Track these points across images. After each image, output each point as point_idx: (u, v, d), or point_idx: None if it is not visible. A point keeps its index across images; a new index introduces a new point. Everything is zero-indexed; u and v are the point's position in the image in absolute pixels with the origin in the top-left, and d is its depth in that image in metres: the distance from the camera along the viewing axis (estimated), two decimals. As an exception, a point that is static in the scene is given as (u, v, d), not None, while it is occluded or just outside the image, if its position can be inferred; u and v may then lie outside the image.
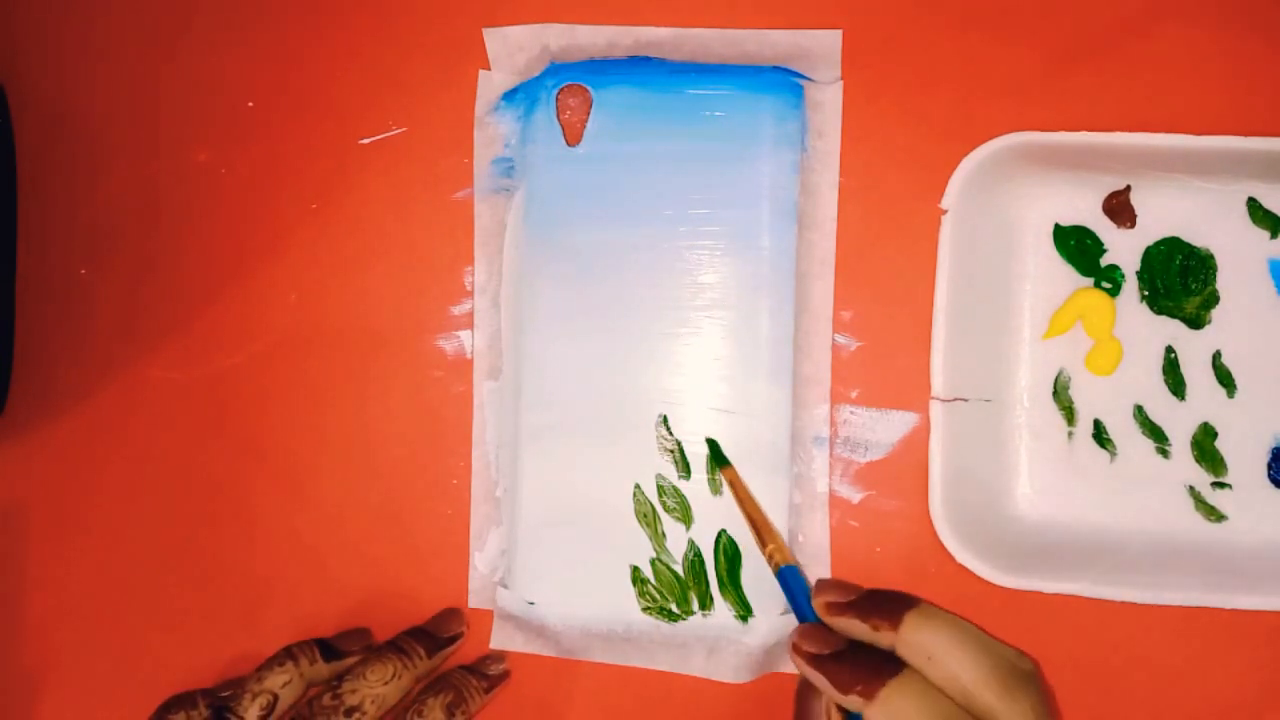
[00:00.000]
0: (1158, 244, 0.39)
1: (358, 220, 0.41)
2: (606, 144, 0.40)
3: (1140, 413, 0.39)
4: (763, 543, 0.37)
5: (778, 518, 0.39)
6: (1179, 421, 0.39)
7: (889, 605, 0.34)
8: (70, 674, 0.42)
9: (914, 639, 0.33)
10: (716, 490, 0.39)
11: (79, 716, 0.42)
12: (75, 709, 0.42)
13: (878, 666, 0.32)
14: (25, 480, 0.42)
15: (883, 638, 0.33)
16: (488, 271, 0.41)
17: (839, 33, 0.39)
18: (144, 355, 0.42)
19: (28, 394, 0.42)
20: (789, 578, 0.36)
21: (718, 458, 0.39)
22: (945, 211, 0.38)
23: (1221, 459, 0.39)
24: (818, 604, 0.35)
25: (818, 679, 0.33)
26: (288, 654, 0.37)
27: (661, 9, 0.40)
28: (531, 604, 0.40)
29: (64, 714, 0.42)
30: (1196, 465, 0.39)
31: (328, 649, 0.38)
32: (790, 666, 0.39)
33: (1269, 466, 0.39)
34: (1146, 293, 0.39)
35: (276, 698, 0.36)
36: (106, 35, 0.42)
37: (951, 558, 0.38)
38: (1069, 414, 0.39)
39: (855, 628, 0.34)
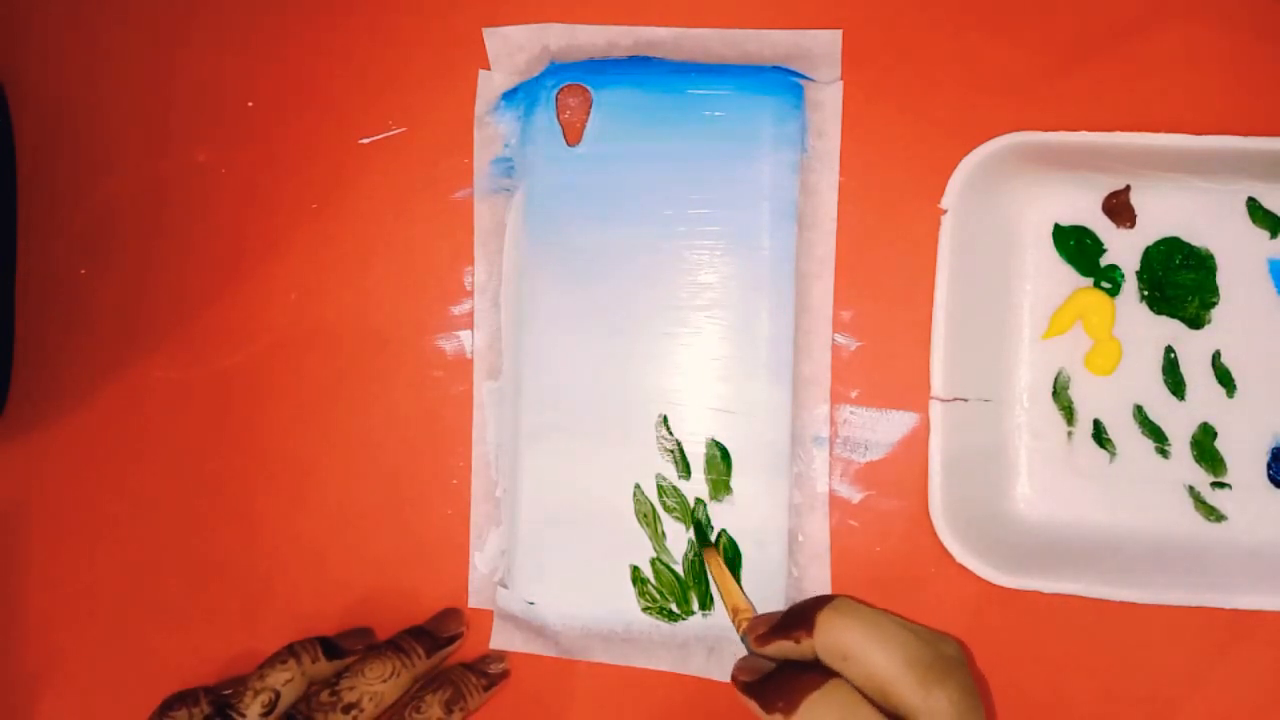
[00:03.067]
0: (1157, 244, 0.39)
1: (358, 220, 0.41)
2: (606, 144, 0.40)
3: (1140, 413, 0.39)
4: (734, 613, 0.37)
5: (778, 518, 0.39)
6: (1178, 421, 0.39)
7: (803, 612, 0.33)
8: (70, 674, 0.42)
9: (827, 640, 0.32)
10: (717, 492, 0.39)
11: (79, 716, 0.42)
12: (75, 709, 0.42)
13: (801, 680, 0.32)
14: (25, 480, 0.42)
15: (805, 648, 0.33)
16: (488, 271, 0.41)
17: (839, 33, 0.39)
18: (144, 355, 0.42)
19: (28, 394, 0.42)
20: None
21: (703, 539, 0.39)
22: (945, 211, 0.38)
23: (1221, 459, 0.39)
24: (750, 639, 0.35)
25: (749, 704, 0.33)
26: (290, 652, 0.37)
27: (661, 9, 0.40)
28: (531, 604, 0.40)
29: (64, 714, 0.42)
30: (1196, 465, 0.39)
31: (330, 647, 0.38)
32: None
33: (1268, 466, 0.39)
34: (1146, 292, 0.39)
35: (278, 695, 0.36)
36: (107, 35, 0.42)
37: (951, 557, 0.38)
38: (1068, 414, 0.39)
39: (783, 648, 0.34)
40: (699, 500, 0.39)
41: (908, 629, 0.32)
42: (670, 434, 0.40)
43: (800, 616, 0.33)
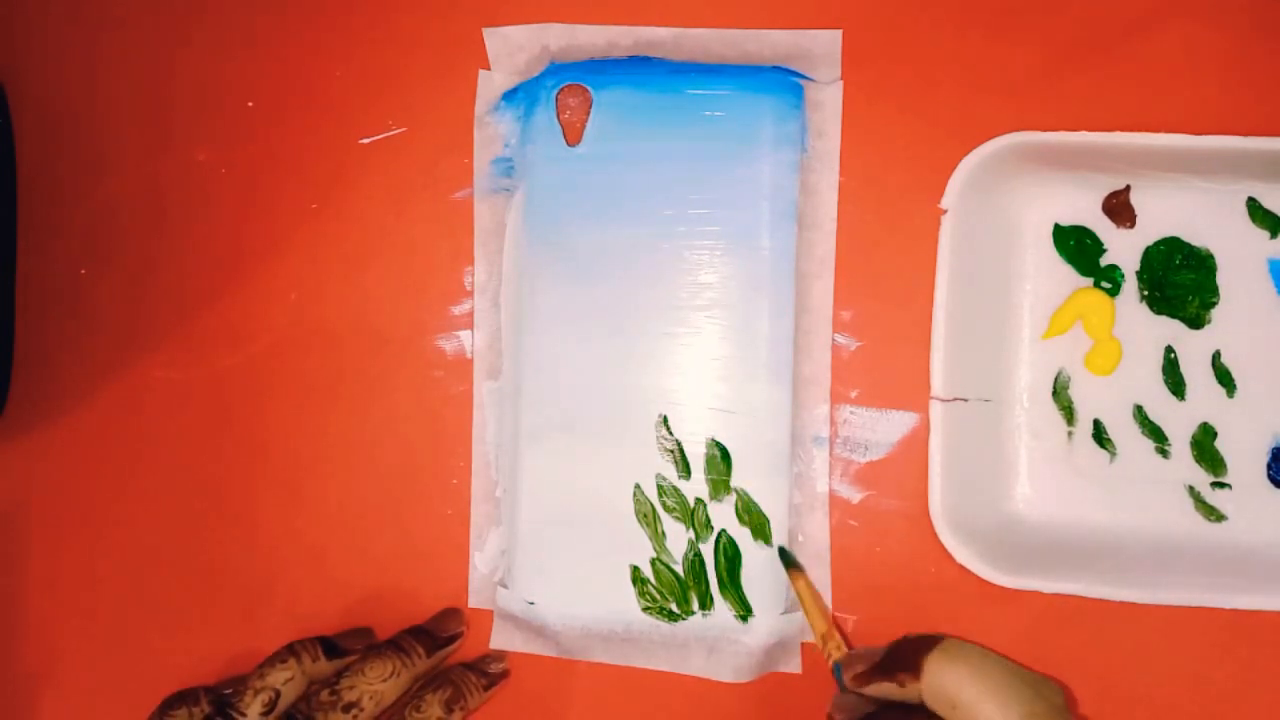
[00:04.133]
0: (1157, 244, 0.39)
1: (358, 220, 0.41)
2: (606, 144, 0.40)
3: (1140, 413, 0.39)
4: (824, 640, 0.36)
5: (778, 518, 0.39)
6: (1178, 421, 0.39)
7: (909, 654, 0.33)
8: (70, 674, 0.42)
9: (936, 686, 0.31)
10: (717, 492, 0.39)
11: (79, 716, 0.42)
12: (75, 709, 0.42)
13: None
14: (25, 480, 0.42)
15: (910, 691, 0.32)
16: (488, 271, 0.41)
17: (839, 33, 0.39)
18: (144, 355, 0.42)
19: (28, 394, 0.42)
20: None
21: (787, 561, 0.38)
22: (945, 211, 0.38)
23: (1221, 459, 0.39)
24: (847, 677, 0.34)
25: None
26: (290, 651, 0.37)
27: (661, 9, 0.40)
28: (531, 604, 0.40)
29: (64, 714, 0.42)
30: (1196, 465, 0.39)
31: (330, 647, 0.38)
32: (790, 666, 0.39)
33: (1268, 466, 0.39)
34: (1146, 292, 0.39)
35: (278, 694, 0.36)
36: (107, 35, 0.42)
37: (951, 558, 0.38)
38: (1069, 414, 0.39)
39: (885, 689, 0.33)
40: (699, 500, 0.39)
41: (1016, 675, 0.31)
42: (670, 434, 0.40)
43: (905, 658, 0.33)
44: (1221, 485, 0.39)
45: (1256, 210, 0.39)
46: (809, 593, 0.38)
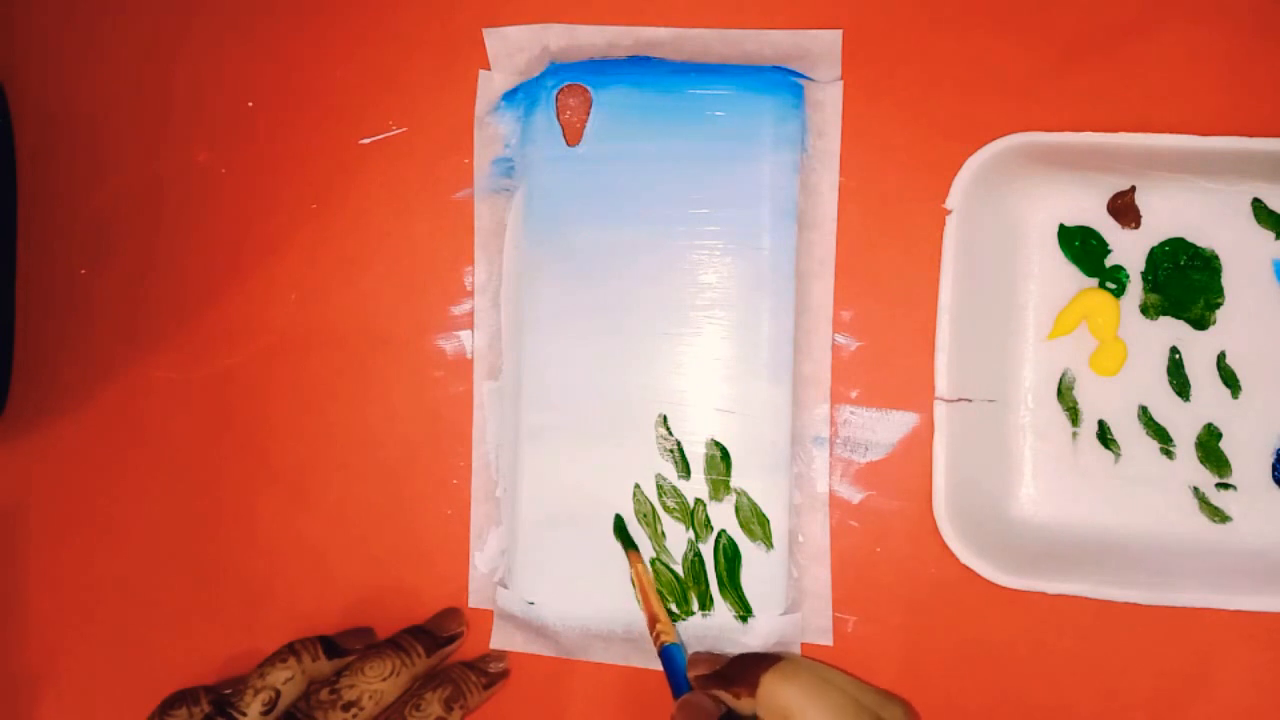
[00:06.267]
0: (1162, 244, 0.39)
1: (358, 220, 0.41)
2: (606, 144, 0.40)
3: (1144, 413, 0.39)
4: (652, 622, 0.38)
5: (778, 518, 0.39)
6: (1183, 422, 0.39)
7: (747, 670, 0.34)
8: (70, 674, 0.42)
9: (769, 701, 0.33)
10: (717, 492, 0.39)
11: (79, 716, 0.42)
12: (75, 709, 0.42)
13: None
14: (25, 480, 0.42)
15: (744, 705, 0.34)
16: (488, 271, 0.41)
17: (839, 33, 0.39)
18: (144, 355, 0.42)
19: (28, 394, 0.42)
20: (674, 654, 0.37)
21: (625, 539, 0.39)
22: (950, 211, 0.38)
23: (1226, 460, 0.38)
24: (691, 677, 0.36)
25: None
26: (290, 650, 0.37)
27: (661, 9, 0.40)
28: (531, 604, 0.40)
29: (64, 714, 0.42)
30: (1201, 466, 0.39)
31: (331, 646, 0.38)
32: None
33: (1273, 467, 0.38)
34: (1151, 293, 0.39)
35: (279, 693, 0.36)
36: (107, 35, 0.43)
37: (955, 558, 0.38)
38: (1073, 414, 0.39)
39: (723, 698, 0.35)
40: (699, 500, 0.39)
41: (852, 693, 0.33)
42: (670, 434, 0.39)
43: (744, 673, 0.34)
44: (1226, 486, 0.39)
45: (1262, 211, 0.38)
46: (645, 575, 0.39)
